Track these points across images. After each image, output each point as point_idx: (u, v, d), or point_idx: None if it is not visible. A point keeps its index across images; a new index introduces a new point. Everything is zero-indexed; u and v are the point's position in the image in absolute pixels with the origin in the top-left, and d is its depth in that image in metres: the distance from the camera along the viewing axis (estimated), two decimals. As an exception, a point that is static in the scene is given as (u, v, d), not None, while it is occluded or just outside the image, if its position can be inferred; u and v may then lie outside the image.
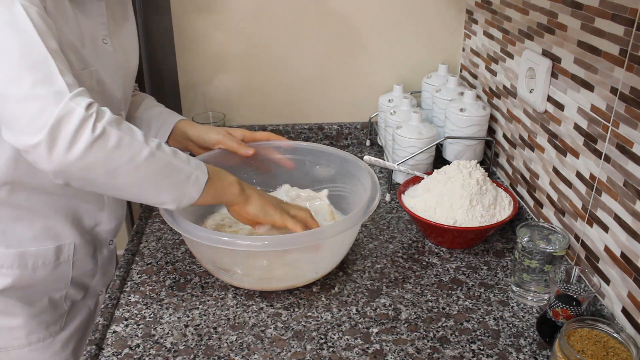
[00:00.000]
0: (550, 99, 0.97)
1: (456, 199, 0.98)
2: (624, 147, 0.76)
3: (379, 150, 1.44)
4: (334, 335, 0.81)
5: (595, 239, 0.85)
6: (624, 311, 0.78)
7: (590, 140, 0.85)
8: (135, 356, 0.77)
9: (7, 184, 0.83)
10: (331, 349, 0.78)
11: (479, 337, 0.81)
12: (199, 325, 0.83)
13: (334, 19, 1.38)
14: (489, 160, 1.24)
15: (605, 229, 0.81)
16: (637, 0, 0.71)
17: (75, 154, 0.66)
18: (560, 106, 0.93)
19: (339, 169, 1.05)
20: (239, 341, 0.80)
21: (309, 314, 0.85)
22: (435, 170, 1.07)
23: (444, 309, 0.86)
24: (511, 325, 0.83)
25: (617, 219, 0.78)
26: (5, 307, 0.88)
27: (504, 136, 1.19)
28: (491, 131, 1.25)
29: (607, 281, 0.82)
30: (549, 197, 0.99)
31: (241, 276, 0.87)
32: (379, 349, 0.78)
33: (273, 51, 1.41)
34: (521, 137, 1.10)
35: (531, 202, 1.06)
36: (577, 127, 0.88)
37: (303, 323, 0.83)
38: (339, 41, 1.40)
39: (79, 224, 0.93)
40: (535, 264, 0.85)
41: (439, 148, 1.26)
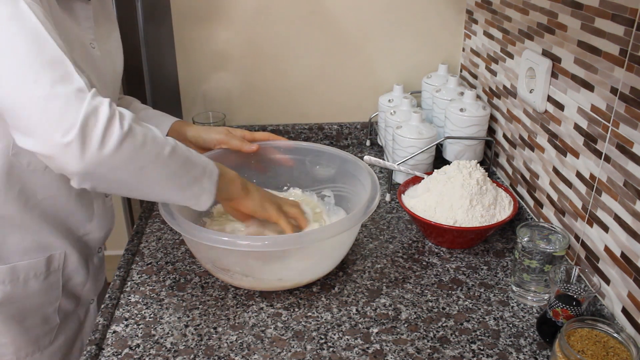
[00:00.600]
0: (550, 99, 0.97)
1: (456, 199, 0.98)
2: (624, 147, 0.76)
3: (379, 150, 1.44)
4: (334, 335, 0.81)
5: (595, 239, 0.85)
6: (624, 311, 0.78)
7: (590, 140, 0.85)
8: (135, 356, 0.77)
9: None
10: (331, 349, 0.78)
11: (479, 337, 0.81)
12: (199, 325, 0.83)
13: (334, 19, 1.38)
14: (489, 160, 1.24)
15: (605, 229, 0.81)
16: (637, 0, 0.71)
17: (108, 151, 0.63)
18: (560, 106, 0.93)
19: (339, 169, 1.05)
20: (239, 341, 0.80)
21: (309, 314, 0.85)
22: (435, 170, 1.07)
23: (444, 309, 0.86)
24: (511, 325, 0.83)
25: (617, 219, 0.78)
26: None
27: (504, 136, 1.19)
28: (491, 131, 1.25)
29: (607, 281, 0.82)
30: (549, 197, 0.99)
31: (241, 276, 0.87)
32: (379, 349, 0.78)
33: (273, 51, 1.41)
34: (521, 137, 1.10)
35: (531, 202, 1.06)
36: (577, 127, 0.88)
37: (303, 323, 0.83)
38: (339, 41, 1.40)
39: (69, 234, 0.91)
40: (535, 264, 0.85)
41: (439, 148, 1.26)
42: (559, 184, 0.95)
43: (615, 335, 0.69)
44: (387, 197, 1.18)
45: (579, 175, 0.88)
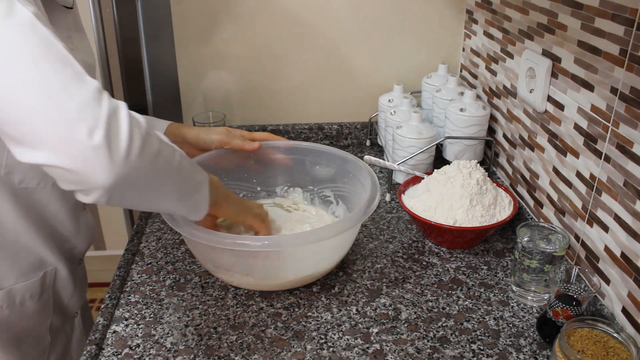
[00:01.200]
0: (550, 99, 0.97)
1: (456, 199, 0.98)
2: (624, 147, 0.76)
3: (379, 150, 1.44)
4: (334, 335, 0.81)
5: (595, 239, 0.84)
6: (624, 311, 0.78)
7: (590, 140, 0.85)
8: (135, 356, 0.77)
9: None
10: (331, 349, 0.78)
11: (479, 337, 0.81)
12: (199, 325, 0.83)
13: (334, 19, 1.38)
14: (489, 160, 1.24)
15: (605, 229, 0.81)
16: (637, 0, 0.71)
17: (134, 156, 0.57)
18: (560, 106, 0.93)
19: (339, 169, 1.05)
20: (239, 341, 0.80)
21: (309, 314, 0.85)
22: (435, 170, 1.06)
23: (444, 309, 0.86)
24: (511, 325, 0.83)
25: (617, 219, 0.78)
26: None
27: (504, 136, 1.19)
28: (491, 131, 1.25)
29: (607, 281, 0.82)
30: (549, 197, 0.99)
31: (241, 276, 0.87)
32: (379, 349, 0.78)
33: (273, 51, 1.41)
34: (521, 137, 1.10)
35: (531, 202, 1.06)
36: (577, 127, 0.88)
37: (303, 323, 0.83)
38: (339, 41, 1.40)
39: (59, 249, 0.90)
40: (535, 264, 0.85)
41: (439, 148, 1.26)
42: (559, 184, 0.95)
43: (615, 335, 0.69)
44: (387, 197, 1.18)
45: (579, 175, 0.88)
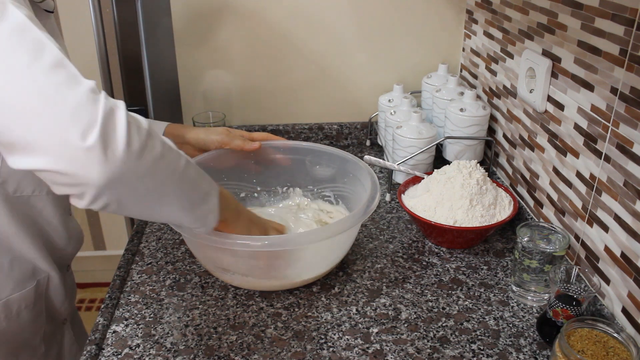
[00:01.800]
0: (550, 99, 0.97)
1: (456, 199, 0.98)
2: (624, 147, 0.76)
3: (379, 150, 1.44)
4: (334, 335, 0.81)
5: (595, 239, 0.85)
6: (624, 311, 0.78)
7: (590, 140, 0.85)
8: (135, 356, 0.77)
9: None
10: (331, 349, 0.78)
11: (479, 337, 0.81)
12: (199, 325, 0.83)
13: (334, 19, 1.38)
14: (489, 160, 1.24)
15: (605, 229, 0.81)
16: (637, 0, 0.71)
17: (132, 156, 0.56)
18: (560, 106, 0.93)
19: (339, 169, 1.05)
20: (239, 341, 0.80)
21: (309, 314, 0.85)
22: (435, 170, 1.06)
23: (444, 309, 0.86)
24: (511, 325, 0.83)
25: (617, 219, 0.78)
26: None
27: (504, 136, 1.19)
28: (491, 131, 1.25)
29: (607, 281, 0.82)
30: (549, 197, 0.99)
31: (241, 276, 0.87)
32: (379, 349, 0.78)
33: (273, 51, 1.41)
34: (521, 137, 1.10)
35: (531, 202, 1.06)
36: (577, 127, 0.88)
37: (303, 323, 0.83)
38: (339, 41, 1.40)
39: (51, 257, 0.89)
40: (535, 264, 0.85)
41: (439, 148, 1.26)
42: (559, 184, 0.95)
43: (615, 335, 0.69)
44: (387, 197, 1.18)
45: (579, 175, 0.88)
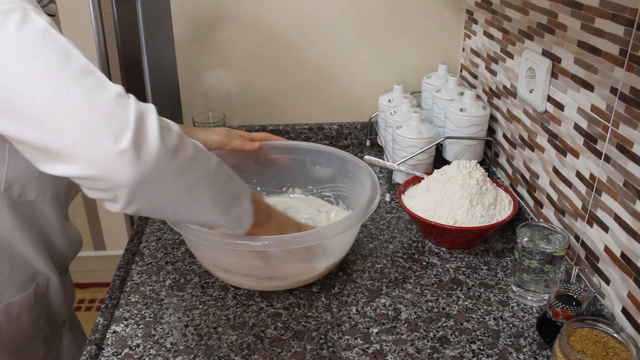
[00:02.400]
0: (550, 99, 0.97)
1: (456, 199, 0.98)
2: (624, 147, 0.76)
3: (379, 150, 1.44)
4: (334, 335, 0.81)
5: (595, 239, 0.85)
6: (624, 311, 0.78)
7: (590, 140, 0.85)
8: (135, 356, 0.77)
9: None
10: (331, 349, 0.78)
11: (479, 337, 0.81)
12: (199, 325, 0.83)
13: (334, 18, 1.38)
14: (489, 160, 1.24)
15: (605, 229, 0.81)
16: (637, 0, 0.71)
17: (164, 157, 0.56)
18: (560, 106, 0.93)
19: (339, 169, 1.05)
20: (239, 341, 0.80)
21: (309, 314, 0.85)
22: (435, 170, 1.07)
23: (444, 309, 0.86)
24: (511, 325, 0.83)
25: (617, 219, 0.78)
26: None
27: (504, 136, 1.19)
28: (491, 131, 1.25)
29: (607, 281, 0.82)
30: (549, 197, 0.99)
31: (241, 276, 0.87)
32: (379, 349, 0.78)
33: (273, 51, 1.41)
34: (521, 137, 1.10)
35: (531, 202, 1.06)
36: (577, 127, 0.88)
37: (303, 323, 0.83)
38: (339, 41, 1.40)
39: (51, 260, 0.89)
40: (535, 264, 0.85)
41: (439, 148, 1.26)
42: (559, 184, 0.95)
43: (615, 335, 0.69)
44: (387, 197, 1.18)
45: (579, 175, 0.88)
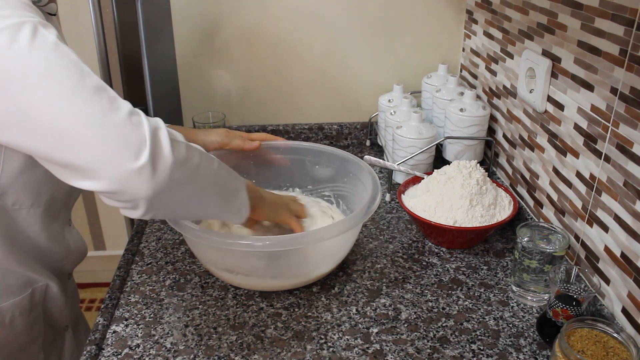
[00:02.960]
0: (550, 99, 0.97)
1: (456, 199, 0.98)
2: (624, 147, 0.76)
3: (379, 150, 1.44)
4: (334, 335, 0.81)
5: (595, 239, 0.85)
6: (624, 311, 0.78)
7: (590, 140, 0.85)
8: (135, 356, 0.77)
9: None
10: (331, 349, 0.78)
11: (479, 337, 0.81)
12: (199, 325, 0.83)
13: (334, 18, 1.38)
14: (489, 160, 1.24)
15: (605, 229, 0.81)
16: (637, 0, 0.71)
17: (177, 168, 0.60)
18: (560, 106, 0.93)
19: (339, 169, 1.05)
20: (239, 341, 0.80)
21: (309, 314, 0.85)
22: (435, 170, 1.06)
23: (444, 309, 0.86)
24: (511, 325, 0.83)
25: (617, 219, 0.78)
26: None
27: (504, 136, 1.19)
28: (491, 131, 1.25)
29: (607, 281, 0.82)
30: (549, 197, 0.99)
31: (242, 276, 0.87)
32: (379, 349, 0.78)
33: (273, 51, 1.41)
34: (521, 137, 1.10)
35: (531, 202, 1.06)
36: (577, 127, 0.88)
37: (303, 323, 0.83)
38: (339, 41, 1.40)
39: (49, 268, 0.88)
40: (535, 264, 0.85)
41: (439, 148, 1.26)
42: (559, 184, 0.95)
43: (615, 335, 0.69)
44: (387, 197, 1.18)
45: (579, 175, 0.88)
